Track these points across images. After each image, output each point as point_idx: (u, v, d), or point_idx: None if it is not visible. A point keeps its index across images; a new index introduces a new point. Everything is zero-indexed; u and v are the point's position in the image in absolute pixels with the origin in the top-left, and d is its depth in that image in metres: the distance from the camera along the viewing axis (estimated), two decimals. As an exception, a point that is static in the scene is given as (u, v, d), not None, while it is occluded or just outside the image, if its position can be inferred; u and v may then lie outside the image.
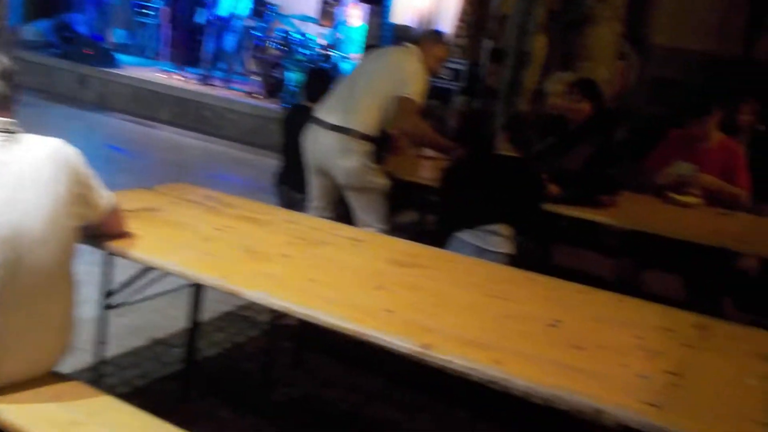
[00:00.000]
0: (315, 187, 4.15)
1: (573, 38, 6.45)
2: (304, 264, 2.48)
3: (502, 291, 2.44)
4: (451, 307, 2.25)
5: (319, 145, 4.00)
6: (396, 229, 4.97)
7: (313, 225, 3.00)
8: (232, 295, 2.21)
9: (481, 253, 3.43)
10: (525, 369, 1.86)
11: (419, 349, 1.91)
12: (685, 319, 2.34)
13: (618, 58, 7.12)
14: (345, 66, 9.34)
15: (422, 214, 5.50)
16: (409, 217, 5.77)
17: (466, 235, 3.51)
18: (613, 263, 4.44)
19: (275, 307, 2.14)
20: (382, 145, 4.08)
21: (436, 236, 3.73)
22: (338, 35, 9.97)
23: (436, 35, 4.33)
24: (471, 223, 3.49)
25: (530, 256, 3.64)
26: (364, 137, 3.92)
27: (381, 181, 4.02)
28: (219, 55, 10.49)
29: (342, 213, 4.22)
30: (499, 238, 3.47)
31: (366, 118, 3.92)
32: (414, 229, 5.53)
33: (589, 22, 6.54)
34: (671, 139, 4.36)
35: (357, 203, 4.05)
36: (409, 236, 5.21)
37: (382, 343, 1.96)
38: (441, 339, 1.97)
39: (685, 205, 3.97)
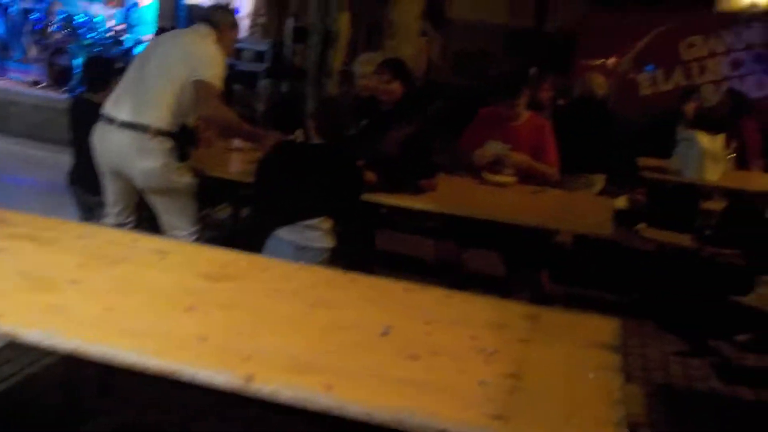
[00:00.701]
0: (111, 191, 3.72)
1: (377, 15, 6.34)
2: (100, 289, 2.15)
3: (326, 298, 2.25)
4: (272, 324, 2.03)
5: (111, 146, 3.57)
6: (208, 226, 4.66)
7: (109, 239, 2.64)
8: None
9: (300, 250, 3.23)
10: (359, 391, 1.68)
11: (240, 383, 1.68)
12: (516, 310, 2.27)
13: (420, 35, 7.14)
14: (139, 49, 8.72)
15: (236, 209, 5.21)
16: (222, 212, 5.46)
17: (283, 233, 3.28)
18: (434, 245, 4.39)
19: (61, 349, 1.81)
20: (184, 139, 3.71)
21: (251, 234, 3.48)
22: (127, 14, 9.29)
23: (232, 17, 4.02)
24: (288, 220, 3.26)
25: (353, 248, 3.49)
26: (162, 133, 3.52)
27: (187, 181, 3.67)
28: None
29: (146, 216, 3.85)
30: (318, 232, 3.28)
31: (161, 111, 3.52)
32: (228, 226, 5.24)
33: (393, -1, 6.47)
34: (482, 118, 4.35)
35: (161, 207, 3.67)
36: (223, 234, 4.95)
37: (196, 379, 1.70)
38: (263, 366, 1.75)
39: (500, 185, 3.97)
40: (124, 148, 3.52)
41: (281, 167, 3.37)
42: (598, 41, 10.59)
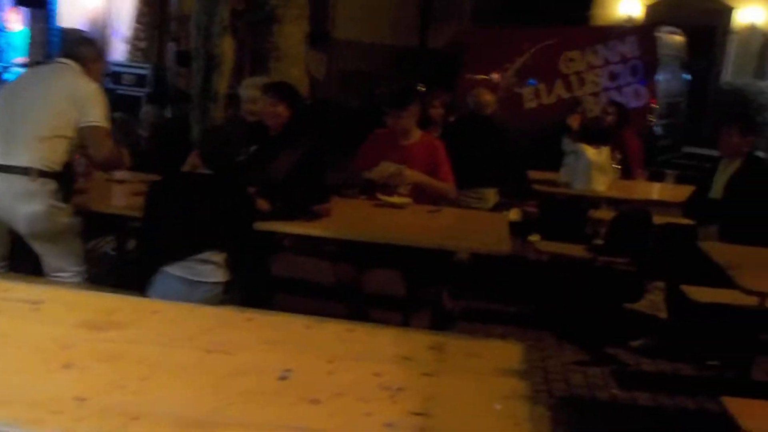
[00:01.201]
0: None
1: (261, 39, 6.22)
2: (-36, 349, 1.94)
3: (221, 341, 2.11)
4: (162, 376, 1.87)
5: None
6: (93, 262, 4.40)
7: (-24, 289, 2.41)
8: None
9: (192, 285, 3.07)
10: (260, 446, 1.56)
11: (126, 449, 1.53)
12: (420, 341, 2.20)
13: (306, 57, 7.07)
14: (8, 76, 8.25)
15: (121, 241, 4.94)
16: (107, 245, 5.19)
17: (173, 268, 3.11)
18: (333, 268, 4.29)
19: None
20: (66, 177, 3.47)
21: (138, 269, 3.29)
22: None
23: (96, 49, 3.81)
24: (178, 255, 3.09)
25: (248, 279, 3.35)
26: (46, 174, 3.28)
27: (72, 221, 3.43)
28: None
29: (21, 256, 3.58)
30: (210, 266, 3.12)
31: (44, 151, 3.28)
32: (114, 260, 4.97)
33: (276, 21, 6.35)
34: (374, 139, 4.31)
35: (45, 250, 3.41)
36: (109, 269, 4.69)
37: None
38: (151, 426, 1.60)
39: (396, 206, 3.92)
40: (3, 192, 3.26)
41: (169, 199, 3.19)
42: (482, 57, 10.84)
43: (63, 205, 3.37)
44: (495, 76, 10.65)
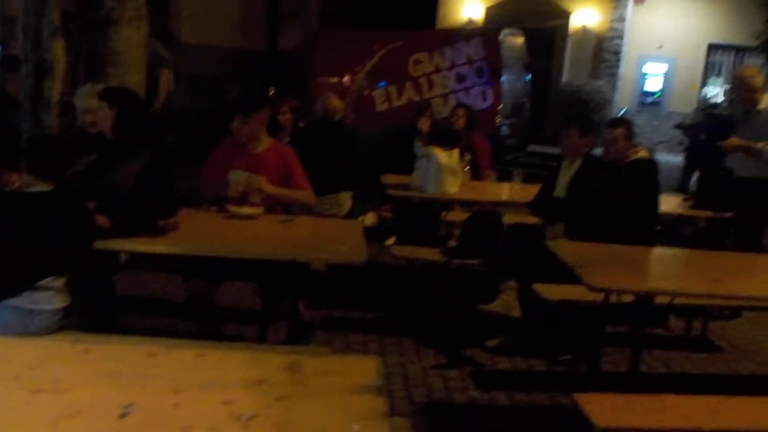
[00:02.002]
0: None
1: (96, 42, 5.85)
2: None
3: (51, 379, 1.91)
4: (-17, 425, 1.67)
5: None
6: None
7: None
8: None
9: (29, 315, 2.78)
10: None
11: None
12: (274, 361, 2.09)
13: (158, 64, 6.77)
14: None
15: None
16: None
17: (13, 300, 2.81)
18: (184, 284, 4.09)
19: None
20: None
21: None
22: None
23: None
24: (13, 286, 2.79)
25: (90, 302, 3.11)
26: None
27: None
28: None
29: None
30: (48, 292, 2.83)
31: None
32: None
33: (112, 23, 6.00)
34: (224, 147, 4.14)
35: None
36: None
37: None
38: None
39: (248, 217, 3.78)
40: None
41: None
42: (331, 60, 10.85)
43: None
44: (346, 79, 10.68)
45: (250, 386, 1.93)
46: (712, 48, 14.91)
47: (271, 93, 9.29)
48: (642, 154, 4.42)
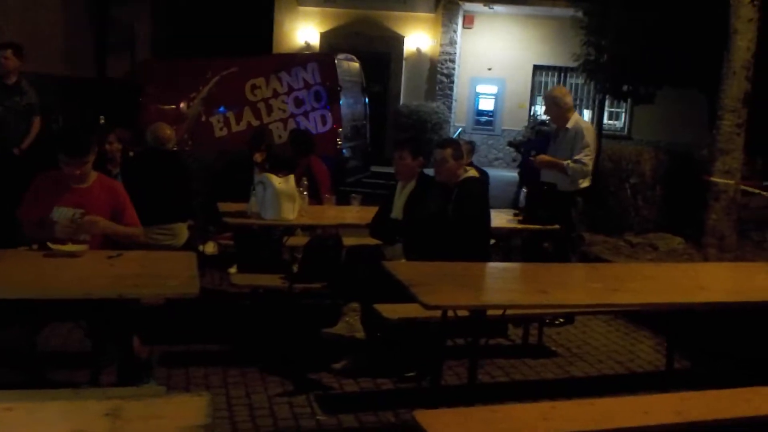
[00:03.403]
0: None
1: None
2: None
3: None
4: None
5: None
6: None
7: None
8: None
9: None
10: None
11: None
12: (93, 409, 1.97)
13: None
14: None
15: None
16: None
17: None
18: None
19: None
20: None
21: None
22: None
23: None
24: None
25: None
26: None
27: None
28: None
29: None
30: None
31: None
32: None
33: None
34: (41, 184, 3.89)
35: None
36: None
37: None
38: None
39: (71, 255, 3.56)
40: None
41: None
42: (164, 88, 10.55)
43: None
44: (181, 106, 10.41)
45: (67, 439, 1.80)
46: (537, 69, 15.81)
47: (101, 122, 8.90)
48: (471, 173, 4.58)
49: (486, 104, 16.12)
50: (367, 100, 11.70)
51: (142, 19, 14.35)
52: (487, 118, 16.12)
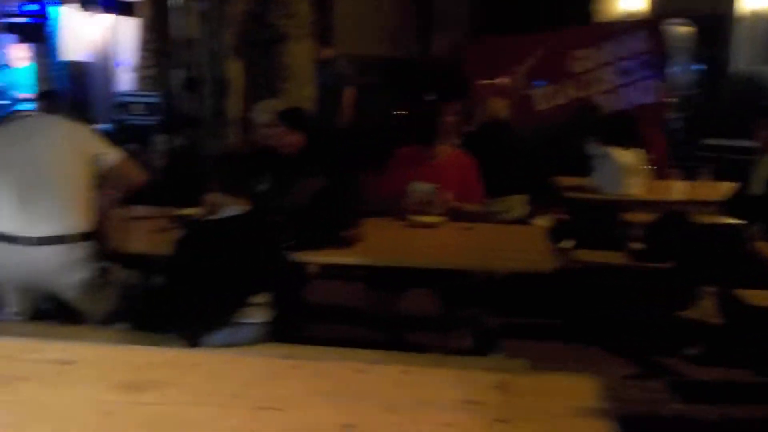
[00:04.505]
0: (17, 301, 3.26)
1: (269, 59, 6.07)
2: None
3: (270, 397, 1.94)
4: (211, 442, 1.70)
5: (23, 266, 3.11)
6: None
7: (4, 353, 2.21)
8: None
9: (233, 327, 2.84)
10: None
11: None
12: (482, 380, 2.01)
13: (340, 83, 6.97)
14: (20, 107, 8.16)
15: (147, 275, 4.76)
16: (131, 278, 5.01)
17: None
18: (366, 293, 4.11)
19: None
20: (100, 233, 3.34)
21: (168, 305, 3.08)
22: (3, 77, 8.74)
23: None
24: (222, 317, 2.86)
25: (286, 315, 3.16)
26: (86, 236, 3.16)
27: (114, 276, 3.31)
28: None
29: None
30: (252, 307, 2.90)
31: (80, 213, 3.16)
32: (139, 293, 4.79)
33: (282, 40, 6.21)
34: (399, 159, 4.13)
35: (87, 306, 3.26)
36: (134, 304, 4.53)
37: None
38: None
39: (429, 225, 3.74)
40: (44, 266, 3.09)
41: (202, 255, 2.90)
42: (489, 64, 10.68)
43: (107, 264, 3.25)
44: (505, 80, 10.49)
45: (466, 407, 1.86)
46: None
47: (432, 100, 9.28)
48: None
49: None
50: (697, 67, 10.85)
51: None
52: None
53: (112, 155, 3.33)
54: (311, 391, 1.96)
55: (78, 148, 3.25)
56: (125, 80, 8.94)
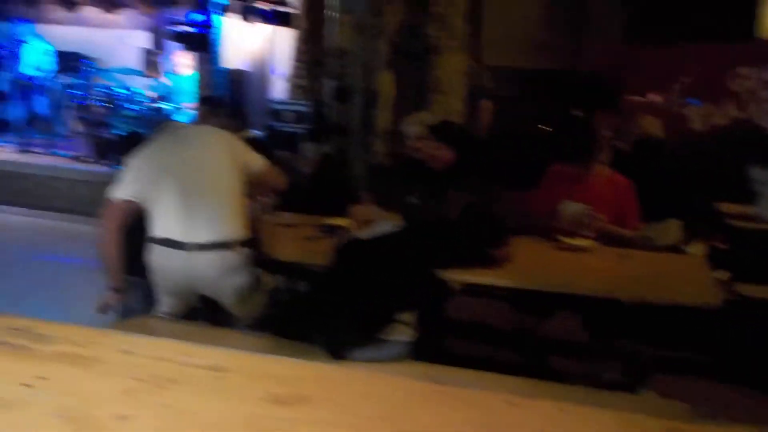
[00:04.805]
0: (173, 303, 3.44)
1: (421, 72, 6.08)
2: (149, 427, 1.81)
3: (414, 420, 1.88)
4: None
5: (186, 272, 3.27)
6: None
7: (157, 353, 2.30)
8: None
9: (379, 344, 2.83)
10: None
11: None
12: (648, 425, 1.87)
13: (480, 95, 6.90)
14: (180, 117, 8.61)
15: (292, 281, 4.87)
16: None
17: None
18: (510, 313, 4.01)
19: None
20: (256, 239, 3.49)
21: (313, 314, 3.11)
22: (167, 85, 9.26)
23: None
24: (370, 333, 2.86)
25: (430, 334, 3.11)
26: (244, 243, 3.32)
27: (267, 280, 3.49)
28: (33, 119, 9.46)
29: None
30: (398, 324, 2.88)
31: (237, 220, 3.32)
32: (283, 300, 4.90)
33: (434, 53, 6.20)
34: (553, 176, 4.01)
35: (239, 311, 3.44)
36: (277, 311, 4.63)
37: None
38: None
39: (580, 249, 3.59)
40: (206, 271, 3.26)
41: (354, 268, 2.95)
42: (643, 77, 10.23)
43: (259, 270, 3.41)
44: (659, 96, 10.04)
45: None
46: None
47: (580, 115, 9.01)
48: None
49: None
50: None
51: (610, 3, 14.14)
52: None
53: (258, 162, 3.47)
54: (462, 421, 1.89)
55: (233, 156, 3.37)
56: (279, 89, 9.24)
